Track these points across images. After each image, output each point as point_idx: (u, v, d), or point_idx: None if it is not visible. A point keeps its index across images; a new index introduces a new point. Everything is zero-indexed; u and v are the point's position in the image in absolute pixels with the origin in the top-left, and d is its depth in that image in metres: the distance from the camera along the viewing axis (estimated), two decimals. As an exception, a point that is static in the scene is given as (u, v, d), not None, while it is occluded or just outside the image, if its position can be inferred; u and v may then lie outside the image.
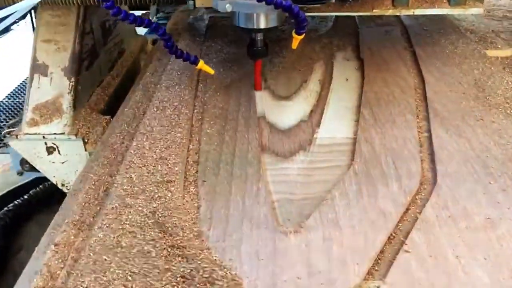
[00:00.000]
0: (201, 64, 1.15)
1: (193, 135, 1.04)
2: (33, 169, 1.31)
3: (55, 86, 1.25)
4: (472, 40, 1.49)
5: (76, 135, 1.23)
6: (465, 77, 1.23)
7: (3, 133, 1.35)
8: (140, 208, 0.80)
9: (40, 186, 2.56)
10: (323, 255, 0.72)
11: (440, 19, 1.65)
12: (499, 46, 1.50)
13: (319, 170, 0.93)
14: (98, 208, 0.90)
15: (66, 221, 0.88)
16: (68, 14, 1.28)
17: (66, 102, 1.24)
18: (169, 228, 0.76)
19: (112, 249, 0.73)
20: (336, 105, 1.15)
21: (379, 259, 0.72)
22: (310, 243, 0.74)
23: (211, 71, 1.19)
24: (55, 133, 1.23)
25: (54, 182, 1.30)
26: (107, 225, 0.77)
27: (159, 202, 0.82)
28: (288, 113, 1.13)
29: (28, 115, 1.23)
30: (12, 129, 1.28)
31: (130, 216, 0.78)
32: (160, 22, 2.36)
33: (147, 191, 0.84)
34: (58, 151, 1.24)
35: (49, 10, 1.28)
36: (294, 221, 0.80)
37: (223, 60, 1.38)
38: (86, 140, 1.24)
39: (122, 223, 0.77)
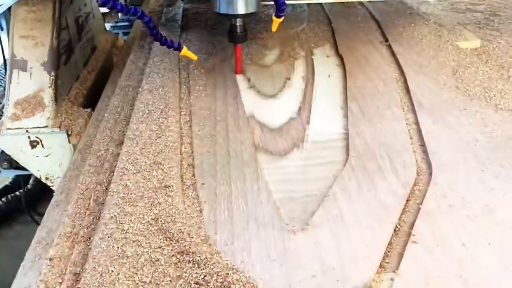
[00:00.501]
0: (184, 51, 1.18)
1: (184, 138, 1.01)
2: (10, 167, 1.32)
3: (35, 81, 1.25)
4: (442, 33, 1.53)
5: (59, 127, 1.23)
6: (443, 69, 1.27)
7: None
8: (141, 216, 0.78)
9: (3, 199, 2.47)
10: (334, 252, 0.72)
11: (410, 13, 1.69)
12: (468, 38, 1.55)
13: (315, 167, 0.93)
14: (91, 218, 0.86)
15: (58, 233, 0.84)
16: (44, 10, 1.27)
17: (48, 96, 1.24)
18: (175, 234, 0.73)
19: (117, 260, 0.70)
20: (322, 101, 1.16)
21: (388, 251, 0.73)
22: (319, 240, 0.74)
23: (194, 57, 1.22)
24: (38, 127, 1.23)
25: (38, 176, 1.29)
26: (109, 235, 0.74)
27: (160, 208, 0.79)
28: (276, 111, 1.12)
29: (9, 110, 1.22)
30: None
31: (132, 225, 0.75)
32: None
33: (146, 197, 0.82)
34: (42, 144, 1.24)
35: (24, 6, 1.26)
36: (300, 219, 0.80)
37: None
38: (70, 132, 1.24)
39: (124, 232, 0.74)
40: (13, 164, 1.33)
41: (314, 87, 1.22)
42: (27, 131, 1.23)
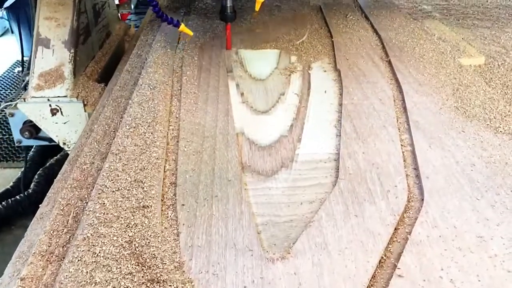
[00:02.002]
0: (182, 27, 1.35)
1: (169, 155, 0.98)
2: (31, 137, 1.49)
3: (57, 57, 1.43)
4: (445, 49, 1.49)
5: (77, 97, 1.42)
6: (443, 88, 1.23)
7: (1, 106, 1.53)
8: (115, 238, 0.74)
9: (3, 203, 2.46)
10: (314, 284, 0.68)
11: (414, 28, 1.65)
12: (472, 55, 1.51)
13: (303, 189, 0.90)
14: (68, 236, 0.83)
15: (33, 251, 0.81)
16: (66, -5, 1.46)
17: (67, 70, 1.43)
18: (147, 260, 0.70)
19: (85, 286, 0.67)
20: (316, 119, 1.12)
21: (371, 285, 0.69)
22: (299, 270, 0.70)
23: (190, 33, 1.38)
24: (58, 96, 1.41)
25: (56, 141, 1.47)
26: (79, 258, 0.71)
27: (135, 230, 0.76)
28: (267, 128, 1.09)
29: (34, 81, 1.40)
30: (9, 103, 1.47)
31: (104, 248, 0.72)
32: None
33: (122, 218, 0.79)
34: (61, 112, 1.42)
35: (49, -9, 1.44)
36: (281, 246, 0.76)
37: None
38: (85, 103, 1.42)
39: (95, 255, 0.71)
40: (34, 134, 1.50)
41: (308, 103, 1.19)
42: (48, 99, 1.41)
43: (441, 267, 0.70)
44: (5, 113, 1.50)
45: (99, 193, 0.84)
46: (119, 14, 2.14)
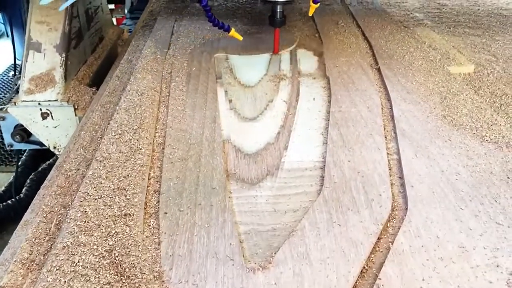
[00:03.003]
0: (233, 32, 1.40)
1: (154, 162, 0.98)
2: (22, 141, 1.51)
3: (48, 61, 1.44)
4: (435, 57, 1.49)
5: (67, 101, 1.43)
6: (431, 96, 1.23)
7: None
8: (95, 247, 0.74)
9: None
10: (294, 294, 0.68)
11: (404, 36, 1.66)
12: (462, 63, 1.52)
13: (288, 198, 0.89)
14: (50, 244, 0.82)
15: (14, 259, 0.80)
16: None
17: (58, 74, 1.43)
18: (126, 270, 0.69)
19: (63, 296, 0.66)
20: (303, 127, 1.12)
21: (352, 296, 0.68)
22: (280, 280, 0.70)
23: (240, 37, 1.42)
24: (49, 100, 1.42)
25: (47, 145, 1.48)
26: (57, 267, 0.70)
27: (116, 239, 0.75)
28: (254, 135, 1.08)
29: (24, 85, 1.41)
30: (1, 107, 1.50)
31: (83, 257, 0.72)
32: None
33: (103, 226, 0.78)
34: (52, 116, 1.43)
35: (41, -5, 1.42)
36: (263, 256, 0.76)
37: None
38: (76, 107, 1.43)
39: (74, 264, 0.71)
40: (25, 138, 1.52)
41: (296, 111, 1.18)
42: (39, 103, 1.41)
43: (422, 278, 0.70)
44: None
45: (81, 201, 0.84)
46: (113, 19, 2.20)
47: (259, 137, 1.07)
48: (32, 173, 2.46)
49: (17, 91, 1.52)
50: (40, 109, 1.42)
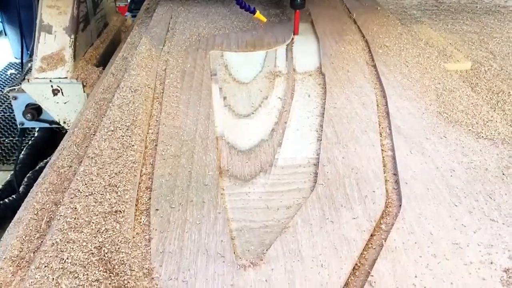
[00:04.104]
0: (257, 14, 1.51)
1: (146, 158, 0.97)
2: (33, 119, 1.59)
3: (58, 41, 1.55)
4: (432, 54, 1.48)
5: (77, 79, 1.53)
6: (427, 92, 1.22)
7: (5, 90, 1.66)
8: (84, 244, 0.73)
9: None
10: (285, 291, 0.67)
11: (401, 33, 1.65)
12: (458, 60, 1.51)
13: (281, 194, 0.88)
14: (40, 241, 0.81)
15: (4, 257, 0.79)
16: (68, -15, 1.56)
17: (68, 54, 1.54)
18: (116, 266, 0.69)
19: (51, 293, 0.65)
20: (298, 123, 1.11)
21: (344, 293, 0.67)
22: (271, 277, 0.69)
23: (264, 19, 1.54)
24: (59, 77, 1.52)
25: (57, 120, 1.58)
26: (46, 264, 0.69)
27: (105, 236, 0.74)
28: (248, 132, 1.07)
29: (37, 64, 1.52)
30: (13, 88, 1.59)
31: (72, 253, 0.71)
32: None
33: (93, 223, 0.77)
34: (62, 92, 1.53)
35: (52, -19, 1.55)
36: (254, 252, 0.75)
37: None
38: (85, 84, 1.53)
39: (63, 261, 0.70)
40: (35, 117, 1.61)
41: (291, 107, 1.18)
42: (50, 80, 1.52)
43: (415, 274, 0.69)
44: (9, 96, 1.61)
45: (71, 198, 0.83)
46: (116, 7, 2.27)
47: (253, 134, 1.07)
48: (30, 172, 2.45)
49: (26, 73, 1.63)
50: (51, 86, 1.53)
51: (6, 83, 3.62)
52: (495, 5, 2.15)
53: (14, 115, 2.60)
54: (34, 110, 1.60)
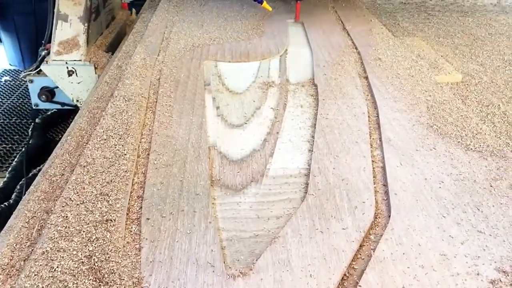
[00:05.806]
0: (265, 4, 1.74)
1: (139, 167, 0.97)
2: (47, 100, 1.80)
3: (73, 28, 1.75)
4: (423, 66, 1.50)
5: (89, 61, 1.73)
6: (418, 105, 1.23)
7: (22, 75, 1.85)
8: (74, 252, 0.73)
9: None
10: (273, 301, 0.67)
11: (393, 45, 1.67)
12: (449, 72, 1.53)
13: (271, 204, 0.89)
14: (31, 250, 0.82)
15: (-6, 265, 0.79)
16: (81, -21, 1.76)
17: (82, 40, 1.75)
18: (105, 276, 0.69)
19: (40, 302, 0.65)
20: (290, 134, 1.12)
21: (332, 303, 0.68)
22: (260, 287, 0.69)
23: (270, 8, 1.77)
24: (74, 60, 1.72)
25: (71, 98, 1.77)
26: (36, 273, 0.69)
27: (96, 245, 0.75)
28: (240, 142, 1.08)
29: (54, 48, 1.74)
30: (29, 72, 1.79)
31: (62, 262, 0.71)
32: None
33: (84, 232, 0.77)
34: (76, 73, 1.73)
35: (67, -25, 1.74)
36: (244, 262, 0.75)
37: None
38: (96, 66, 1.73)
39: (53, 270, 0.70)
40: (49, 98, 1.80)
41: (284, 118, 1.19)
42: (66, 63, 1.72)
43: (402, 285, 0.70)
44: (26, 80, 1.80)
45: (62, 206, 0.83)
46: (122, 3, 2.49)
47: (245, 144, 1.07)
48: (23, 179, 2.44)
49: (40, 61, 1.80)
50: (67, 67, 1.72)
51: (1, 90, 3.61)
52: (486, 19, 2.18)
53: (6, 122, 2.61)
54: (48, 92, 1.80)
